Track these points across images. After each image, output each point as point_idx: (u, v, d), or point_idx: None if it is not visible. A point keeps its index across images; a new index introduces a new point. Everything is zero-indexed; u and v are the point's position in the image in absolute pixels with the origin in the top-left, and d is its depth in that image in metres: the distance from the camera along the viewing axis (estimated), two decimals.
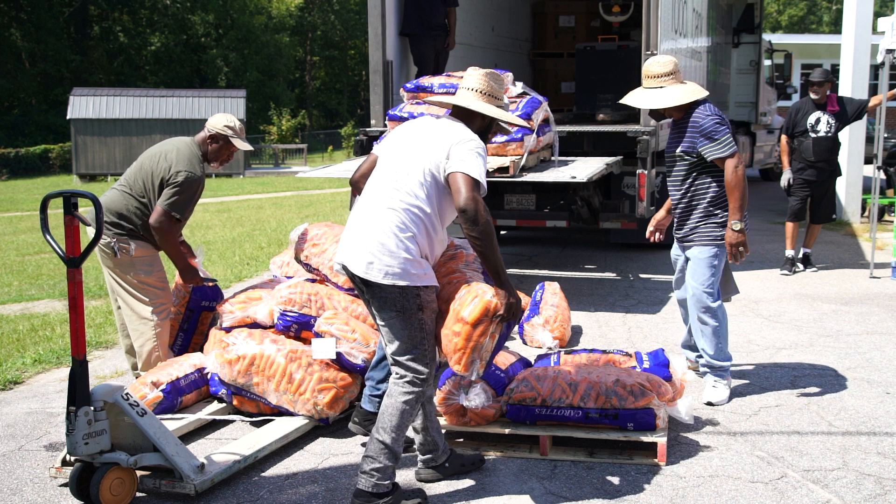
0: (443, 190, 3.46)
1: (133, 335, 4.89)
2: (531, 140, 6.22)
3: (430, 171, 3.44)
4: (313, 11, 53.04)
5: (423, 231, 3.43)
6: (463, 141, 3.45)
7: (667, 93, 4.75)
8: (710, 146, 4.69)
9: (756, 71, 15.14)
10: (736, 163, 4.67)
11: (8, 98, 40.61)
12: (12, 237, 13.65)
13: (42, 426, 4.67)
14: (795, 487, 3.70)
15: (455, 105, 3.70)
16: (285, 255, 5.57)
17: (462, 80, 3.75)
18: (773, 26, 50.98)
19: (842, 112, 8.27)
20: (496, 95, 3.68)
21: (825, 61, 25.32)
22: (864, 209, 11.76)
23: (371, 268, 3.36)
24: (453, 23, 8.44)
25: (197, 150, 4.82)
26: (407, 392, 3.48)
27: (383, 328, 3.51)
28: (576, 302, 7.10)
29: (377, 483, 3.45)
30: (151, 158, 4.80)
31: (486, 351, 3.42)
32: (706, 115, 4.71)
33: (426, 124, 3.64)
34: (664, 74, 4.79)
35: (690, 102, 4.75)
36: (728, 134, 4.69)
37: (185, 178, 4.67)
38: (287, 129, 39.86)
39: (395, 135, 3.71)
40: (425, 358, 3.50)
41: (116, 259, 4.74)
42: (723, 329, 4.79)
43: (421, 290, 3.41)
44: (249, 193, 21.85)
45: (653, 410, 3.98)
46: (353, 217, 3.57)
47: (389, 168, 3.54)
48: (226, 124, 4.85)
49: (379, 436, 3.47)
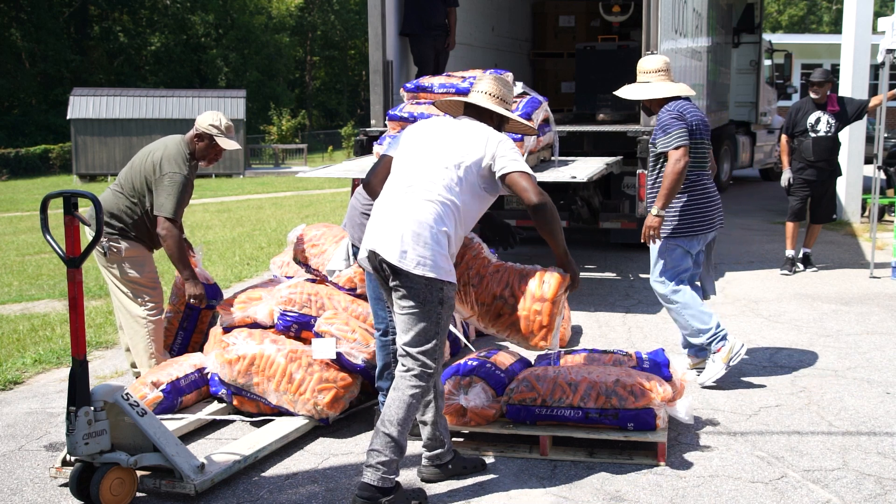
0: (476, 189, 3.57)
1: (127, 333, 4.92)
2: (531, 140, 6.22)
3: (467, 168, 3.52)
4: (313, 11, 53.03)
5: (453, 227, 3.51)
6: (501, 140, 3.60)
7: (649, 87, 5.04)
8: (662, 138, 4.92)
9: (756, 71, 15.14)
10: (679, 156, 4.82)
11: (8, 98, 40.61)
12: (12, 237, 13.65)
13: (42, 426, 4.67)
14: (795, 487, 3.70)
15: (468, 106, 3.80)
16: (285, 256, 5.57)
17: (475, 85, 3.84)
18: (773, 26, 50.99)
19: (842, 112, 8.26)
20: (507, 100, 3.82)
21: (825, 61, 25.32)
22: (864, 209, 11.76)
23: (405, 256, 3.40)
24: (453, 23, 8.44)
25: (185, 149, 4.82)
26: (414, 386, 3.51)
27: (400, 317, 3.53)
28: (576, 302, 7.10)
29: (383, 477, 3.46)
30: (141, 158, 4.85)
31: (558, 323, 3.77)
32: (668, 110, 4.95)
33: (452, 123, 3.71)
34: (652, 71, 5.07)
35: (666, 99, 5.00)
36: (680, 129, 4.85)
37: (169, 181, 4.69)
38: (287, 129, 39.86)
39: (418, 133, 3.73)
40: (435, 353, 3.53)
41: (107, 258, 4.77)
42: (687, 308, 4.98)
43: (445, 285, 3.46)
44: (249, 193, 21.85)
45: (653, 410, 3.98)
46: (384, 207, 3.58)
47: (423, 163, 3.57)
48: (211, 123, 4.84)
49: (385, 429, 3.47)
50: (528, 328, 3.72)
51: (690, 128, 4.88)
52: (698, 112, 5.03)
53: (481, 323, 3.90)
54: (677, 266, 5.04)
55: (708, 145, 5.06)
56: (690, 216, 4.97)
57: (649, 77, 5.06)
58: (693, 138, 4.90)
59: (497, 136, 3.62)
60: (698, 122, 4.95)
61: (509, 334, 3.82)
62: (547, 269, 3.78)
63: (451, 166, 3.52)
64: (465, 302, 3.87)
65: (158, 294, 4.92)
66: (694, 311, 4.98)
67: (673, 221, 4.96)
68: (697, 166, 4.98)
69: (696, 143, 4.93)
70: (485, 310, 3.83)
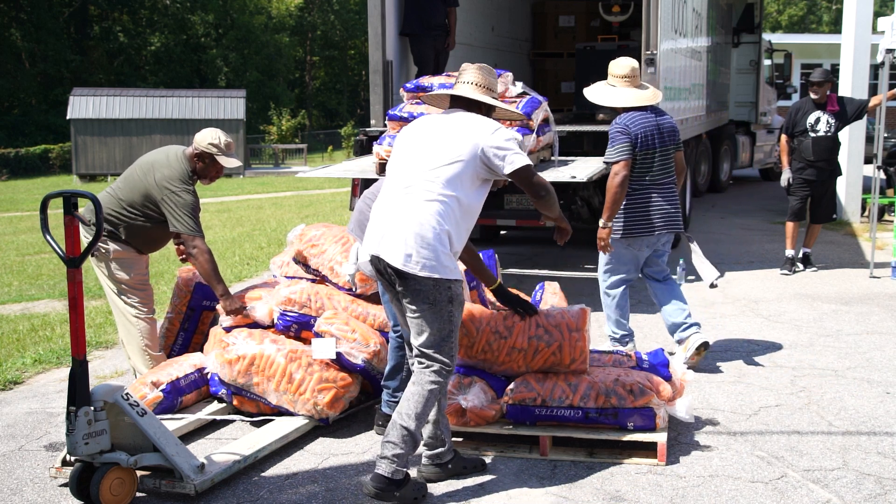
0: (475, 180, 3.56)
1: (120, 331, 4.93)
2: (531, 140, 6.22)
3: (465, 162, 3.51)
4: (313, 11, 53.02)
5: (455, 224, 3.51)
6: (496, 130, 3.58)
7: (610, 94, 5.30)
8: (608, 150, 5.23)
9: (756, 71, 15.14)
10: (616, 170, 5.14)
11: (8, 98, 40.60)
12: (12, 237, 13.65)
13: (42, 426, 4.67)
14: (795, 487, 3.70)
15: (455, 99, 3.77)
16: (285, 255, 5.56)
17: (459, 76, 3.83)
18: (773, 26, 50.97)
19: (842, 112, 8.26)
20: (493, 88, 3.81)
21: (825, 61, 25.31)
22: (864, 209, 11.75)
23: (409, 260, 3.40)
24: (453, 23, 8.44)
25: (186, 167, 4.75)
26: (433, 381, 3.54)
27: (413, 320, 3.54)
28: (576, 302, 7.08)
29: (397, 469, 3.49)
30: (143, 168, 4.76)
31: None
32: (615, 123, 5.24)
33: (444, 119, 3.69)
34: (618, 76, 5.30)
35: (623, 107, 5.24)
36: (622, 144, 5.13)
37: (180, 201, 4.63)
38: (287, 129, 39.84)
39: (411, 133, 3.73)
40: (452, 350, 3.57)
41: (96, 257, 4.77)
42: (613, 309, 5.44)
43: (452, 283, 3.48)
44: (249, 193, 21.85)
45: (653, 410, 3.98)
46: (384, 209, 3.58)
47: (419, 162, 3.56)
48: (210, 142, 4.77)
49: (403, 422, 3.49)
50: (570, 356, 4.09)
51: (634, 140, 5.14)
52: (650, 121, 5.22)
53: (517, 366, 4.14)
54: (617, 266, 5.40)
55: (659, 154, 5.26)
56: (628, 220, 5.26)
57: (615, 82, 5.30)
58: (637, 150, 5.15)
59: (491, 126, 3.60)
60: (645, 133, 5.18)
61: (550, 363, 4.12)
62: (568, 307, 4.26)
63: (447, 162, 3.51)
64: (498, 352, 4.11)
65: (148, 295, 4.90)
66: (617, 312, 5.44)
67: (616, 224, 5.27)
68: (640, 175, 5.23)
69: (639, 155, 5.18)
70: (521, 354, 4.10)
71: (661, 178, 5.28)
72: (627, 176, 5.12)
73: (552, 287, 6.52)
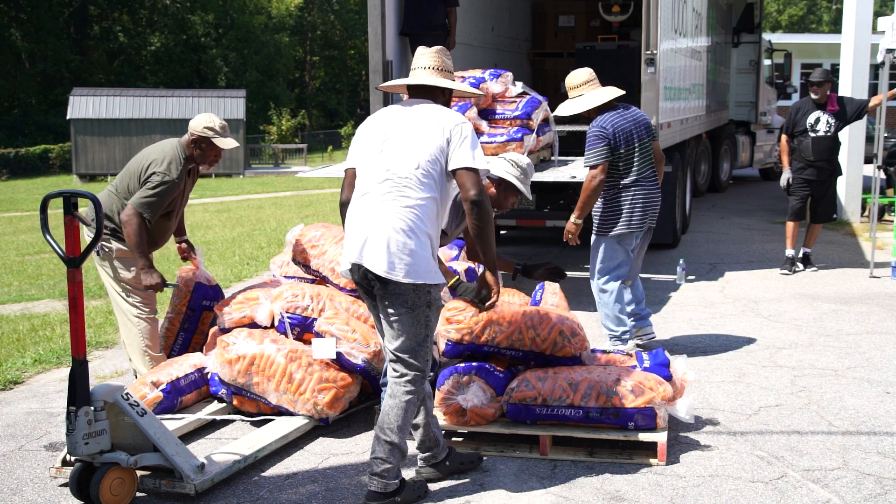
0: (445, 181, 3.53)
1: (121, 330, 4.93)
2: (531, 140, 6.22)
3: (434, 159, 3.47)
4: (313, 11, 53.00)
5: (434, 226, 3.50)
6: (457, 124, 3.51)
7: (584, 99, 5.39)
8: (586, 153, 5.34)
9: (756, 71, 15.14)
10: (594, 174, 5.29)
11: (8, 98, 40.59)
12: (12, 237, 13.65)
13: (42, 426, 4.67)
14: (795, 487, 3.70)
15: (414, 87, 3.73)
16: (285, 256, 5.56)
17: (415, 61, 3.77)
18: (773, 26, 50.98)
19: (842, 112, 8.26)
20: (449, 70, 3.77)
21: (825, 61, 25.31)
22: (864, 209, 11.75)
23: (393, 268, 3.38)
24: (453, 23, 8.43)
25: (181, 154, 4.76)
26: (409, 392, 3.51)
27: (389, 324, 3.51)
28: (576, 302, 7.09)
29: (388, 483, 3.49)
30: (137, 161, 4.81)
31: None
32: (593, 126, 5.35)
33: (405, 112, 3.63)
34: (581, 84, 5.41)
35: (599, 108, 5.35)
36: (600, 147, 5.26)
37: (159, 181, 4.63)
38: (287, 129, 39.84)
39: (373, 130, 3.65)
40: (426, 355, 3.53)
41: (99, 256, 4.77)
42: (611, 306, 5.49)
43: (431, 288, 3.46)
44: (249, 193, 21.85)
45: (653, 409, 3.98)
46: (360, 216, 3.51)
47: (389, 164, 3.51)
48: (206, 125, 4.77)
49: (386, 437, 3.48)
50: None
51: (615, 140, 5.27)
52: (625, 118, 5.34)
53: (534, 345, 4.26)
54: (610, 264, 5.50)
55: (639, 148, 5.38)
56: (622, 219, 5.37)
57: (581, 90, 5.40)
58: (620, 148, 5.29)
59: (453, 120, 3.53)
60: (623, 130, 5.31)
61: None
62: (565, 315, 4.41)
63: (418, 162, 3.46)
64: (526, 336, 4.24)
65: (150, 295, 4.89)
66: (615, 309, 5.48)
67: (606, 223, 5.41)
68: (626, 172, 5.36)
69: (623, 152, 5.31)
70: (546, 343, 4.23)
71: (646, 171, 5.43)
72: (604, 179, 5.28)
73: (552, 287, 6.51)
